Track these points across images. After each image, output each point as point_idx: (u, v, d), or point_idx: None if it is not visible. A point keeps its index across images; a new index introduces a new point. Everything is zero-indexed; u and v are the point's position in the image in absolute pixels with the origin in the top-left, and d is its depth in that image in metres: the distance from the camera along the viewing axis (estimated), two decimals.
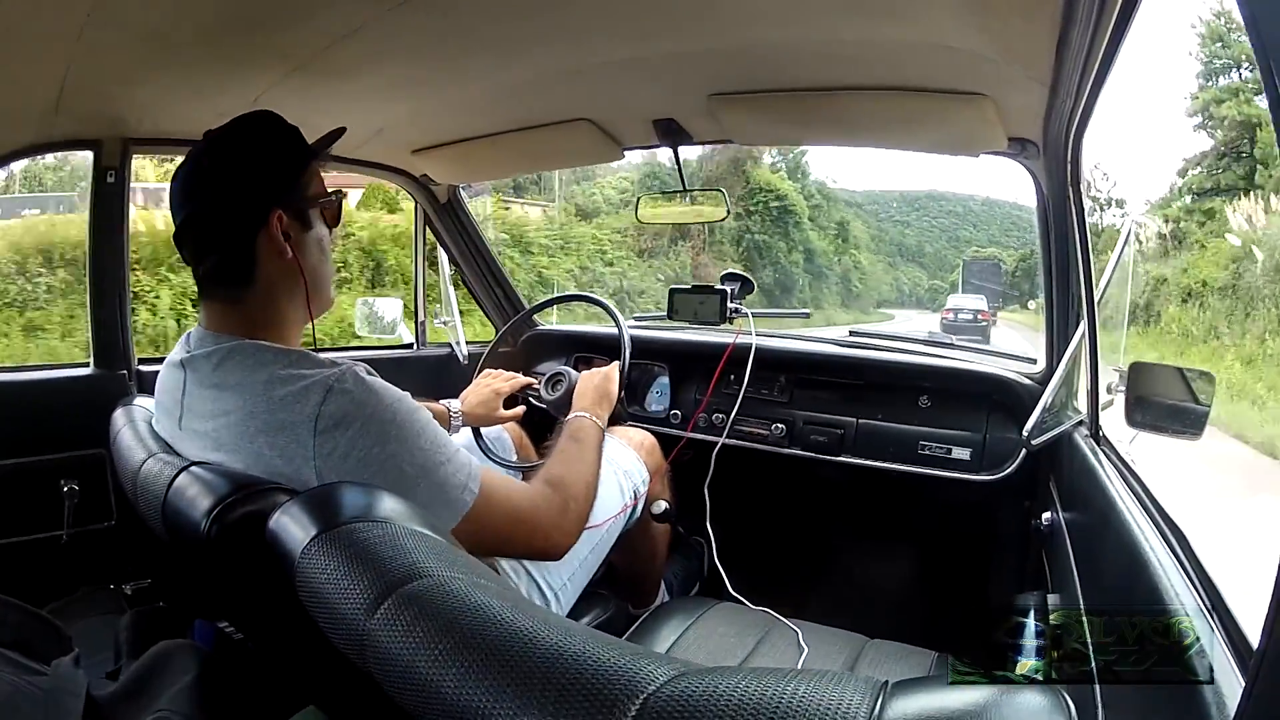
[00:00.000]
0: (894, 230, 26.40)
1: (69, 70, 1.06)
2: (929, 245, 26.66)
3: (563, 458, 1.03)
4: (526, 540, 0.91)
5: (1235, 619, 0.55)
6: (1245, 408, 5.00)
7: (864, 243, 22.89)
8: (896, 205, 26.94)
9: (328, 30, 1.02)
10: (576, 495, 0.97)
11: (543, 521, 0.91)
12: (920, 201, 26.56)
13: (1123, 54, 0.77)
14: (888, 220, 26.47)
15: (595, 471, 1.04)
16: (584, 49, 1.12)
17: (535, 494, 0.93)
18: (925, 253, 26.03)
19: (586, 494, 0.99)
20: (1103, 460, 1.03)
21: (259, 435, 0.79)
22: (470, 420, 1.40)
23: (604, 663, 0.41)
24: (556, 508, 0.93)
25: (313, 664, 0.79)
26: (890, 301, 22.46)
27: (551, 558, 0.99)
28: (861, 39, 1.01)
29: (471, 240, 2.02)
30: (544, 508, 0.92)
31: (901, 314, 20.15)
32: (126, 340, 1.45)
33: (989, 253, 22.82)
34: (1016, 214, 23.19)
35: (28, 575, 1.33)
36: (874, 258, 23.29)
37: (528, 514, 0.90)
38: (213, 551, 0.70)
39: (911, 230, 26.58)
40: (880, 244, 25.09)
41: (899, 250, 25.85)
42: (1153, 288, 7.50)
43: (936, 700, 0.40)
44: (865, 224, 23.80)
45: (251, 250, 0.84)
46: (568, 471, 0.99)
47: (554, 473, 0.98)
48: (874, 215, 25.89)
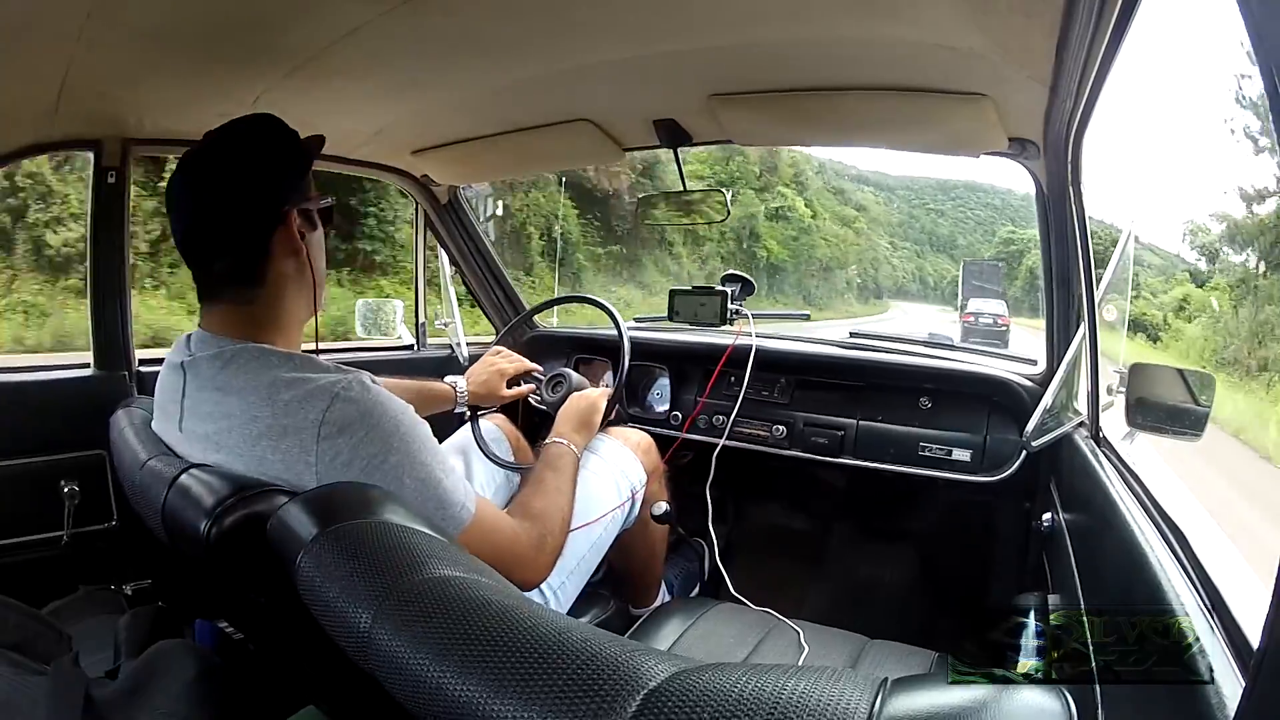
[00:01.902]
0: (926, 218, 25.62)
1: (69, 70, 1.06)
2: (962, 237, 25.82)
3: (542, 490, 1.06)
4: (505, 571, 0.90)
5: (1235, 619, 0.55)
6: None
7: (884, 228, 21.99)
8: (931, 192, 26.19)
9: (328, 30, 1.02)
10: (553, 530, 0.99)
11: (521, 554, 0.92)
12: (957, 191, 25.86)
13: (1123, 54, 0.77)
14: (920, 207, 25.69)
15: (570, 502, 1.08)
16: (584, 49, 1.12)
17: (517, 525, 0.95)
18: (958, 244, 25.24)
19: (563, 527, 1.03)
20: (1103, 461, 1.03)
21: (262, 439, 0.79)
22: (474, 399, 1.42)
23: (606, 659, 0.41)
24: (534, 541, 0.95)
25: (313, 664, 0.80)
26: (912, 293, 21.62)
27: (523, 589, 1.00)
28: (861, 39, 1.01)
29: (472, 241, 2.02)
30: (524, 540, 0.94)
31: (909, 309, 19.17)
32: (127, 341, 1.45)
33: (1033, 256, 22.59)
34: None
35: (28, 576, 1.33)
36: (894, 245, 22.29)
37: (508, 544, 0.91)
38: (213, 552, 0.70)
39: (946, 220, 25.77)
40: (908, 231, 24.33)
41: (929, 239, 25.01)
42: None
43: (936, 698, 0.40)
44: (896, 209, 22.89)
45: (267, 250, 0.85)
46: (547, 505, 1.02)
47: (535, 506, 1.01)
48: (906, 201, 25.11)
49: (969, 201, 25.85)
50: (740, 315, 1.65)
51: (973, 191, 25.67)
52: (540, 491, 1.05)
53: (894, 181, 24.72)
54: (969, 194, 25.77)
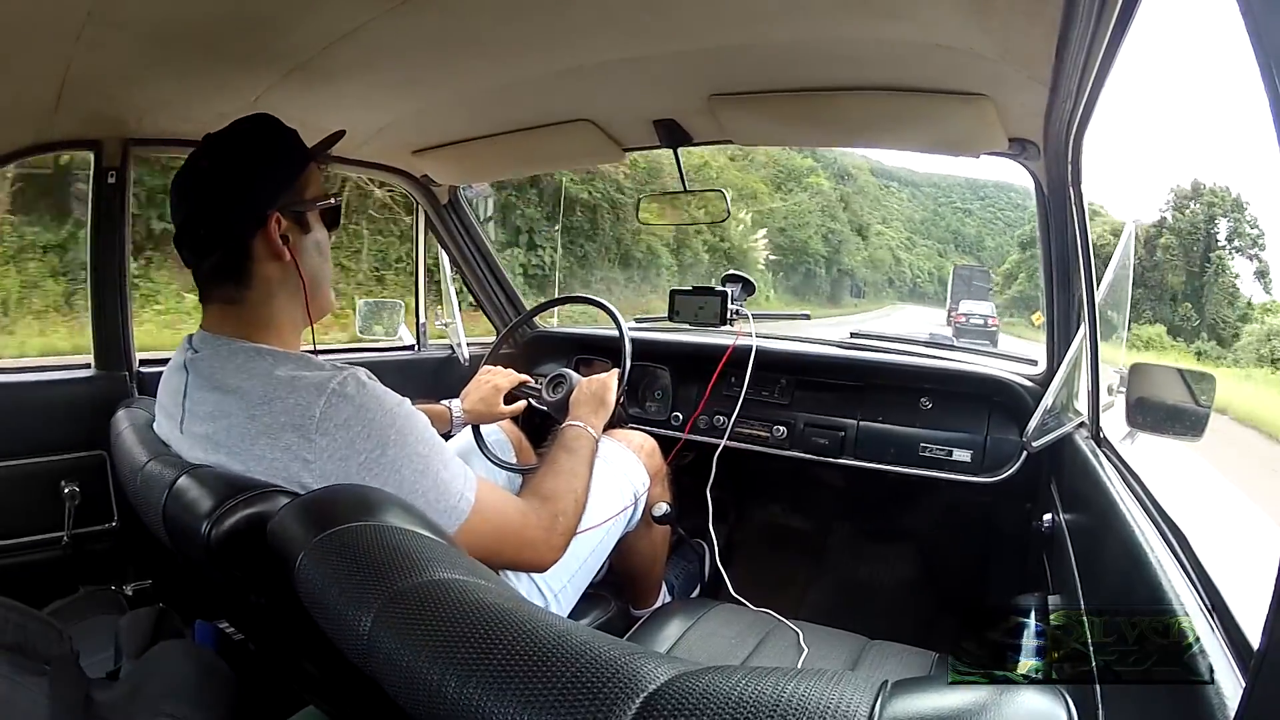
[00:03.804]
0: (953, 217, 24.90)
1: (69, 70, 1.06)
2: (990, 238, 25.11)
3: (554, 470, 1.04)
4: (514, 553, 0.91)
5: (1235, 619, 0.55)
6: None
7: (901, 225, 21.32)
8: (960, 190, 25.44)
9: (328, 30, 1.02)
10: (565, 510, 0.97)
11: (531, 535, 0.91)
12: (986, 190, 25.11)
13: (1123, 54, 0.77)
14: (947, 206, 24.98)
15: (586, 484, 1.05)
16: (584, 49, 1.12)
17: (526, 507, 0.93)
18: (985, 245, 24.45)
19: (576, 508, 1.00)
20: (1103, 462, 1.03)
21: (260, 437, 0.79)
22: (471, 417, 1.41)
23: (606, 661, 0.41)
24: (545, 522, 0.94)
25: (313, 664, 0.80)
26: (928, 296, 20.96)
27: (536, 570, 1.00)
28: (861, 39, 1.01)
29: (473, 241, 2.02)
30: (534, 522, 0.92)
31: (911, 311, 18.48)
32: (128, 342, 1.45)
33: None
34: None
35: (28, 576, 1.33)
36: (914, 243, 21.53)
37: (517, 527, 0.90)
38: (213, 554, 0.70)
39: (973, 220, 25.03)
40: (931, 229, 23.60)
41: (954, 239, 24.26)
42: None
43: (937, 699, 0.40)
44: (921, 205, 22.07)
45: (249, 252, 0.85)
46: (559, 485, 1.00)
47: (546, 486, 0.99)
48: (932, 199, 24.37)
49: (998, 201, 25.27)
50: (740, 315, 1.65)
51: (1003, 191, 25.10)
52: (553, 472, 1.03)
53: (919, 178, 24.13)
54: (999, 193, 25.17)
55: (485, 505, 0.86)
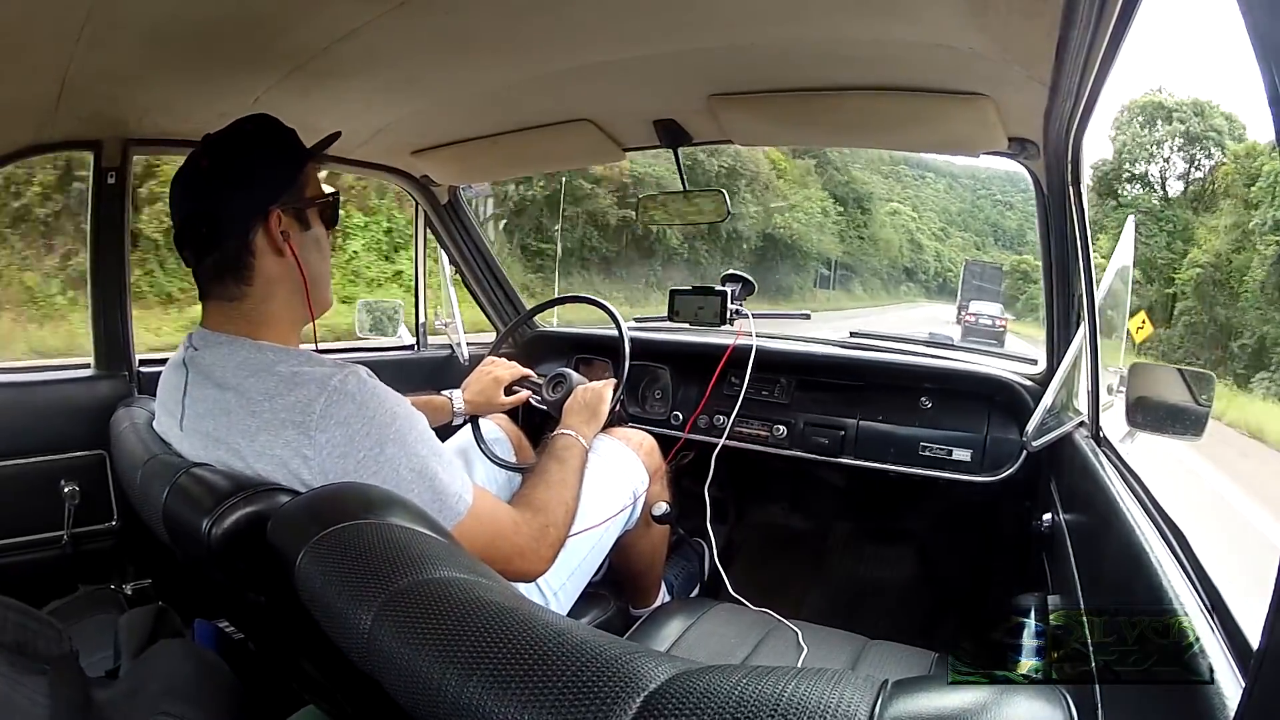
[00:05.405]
0: (992, 210, 24.04)
1: (69, 70, 1.06)
2: (1031, 232, 24.44)
3: (545, 480, 1.05)
4: (504, 561, 0.91)
5: (1235, 619, 0.55)
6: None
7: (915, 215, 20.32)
8: (999, 184, 24.62)
9: (328, 30, 1.02)
10: (556, 521, 0.98)
11: (521, 544, 0.92)
12: (1027, 183, 24.52)
13: (1122, 54, 0.77)
14: (986, 198, 24.11)
15: (576, 494, 1.06)
16: (584, 49, 1.12)
17: (518, 516, 0.94)
18: (1026, 240, 23.44)
19: (566, 518, 1.01)
20: (1103, 461, 1.03)
21: (260, 433, 0.79)
22: (472, 409, 1.42)
23: (606, 660, 0.41)
24: (535, 532, 0.94)
25: (313, 664, 0.80)
26: (951, 291, 19.87)
27: (524, 579, 1.00)
28: (861, 39, 1.01)
29: (472, 241, 2.02)
30: (525, 531, 0.93)
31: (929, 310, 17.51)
32: (128, 341, 1.45)
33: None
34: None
35: (28, 575, 1.33)
36: (948, 234, 20.56)
37: (509, 534, 0.91)
38: (213, 552, 0.71)
39: (1014, 214, 24.10)
40: (970, 221, 22.75)
41: (993, 233, 23.30)
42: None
43: (937, 699, 0.40)
44: (958, 197, 21.01)
45: (250, 250, 0.85)
46: (550, 496, 1.01)
47: (537, 497, 1.00)
48: (970, 190, 23.46)
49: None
50: (740, 315, 1.65)
51: None
52: (544, 482, 1.04)
53: (958, 169, 23.30)
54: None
55: (480, 509, 0.86)
